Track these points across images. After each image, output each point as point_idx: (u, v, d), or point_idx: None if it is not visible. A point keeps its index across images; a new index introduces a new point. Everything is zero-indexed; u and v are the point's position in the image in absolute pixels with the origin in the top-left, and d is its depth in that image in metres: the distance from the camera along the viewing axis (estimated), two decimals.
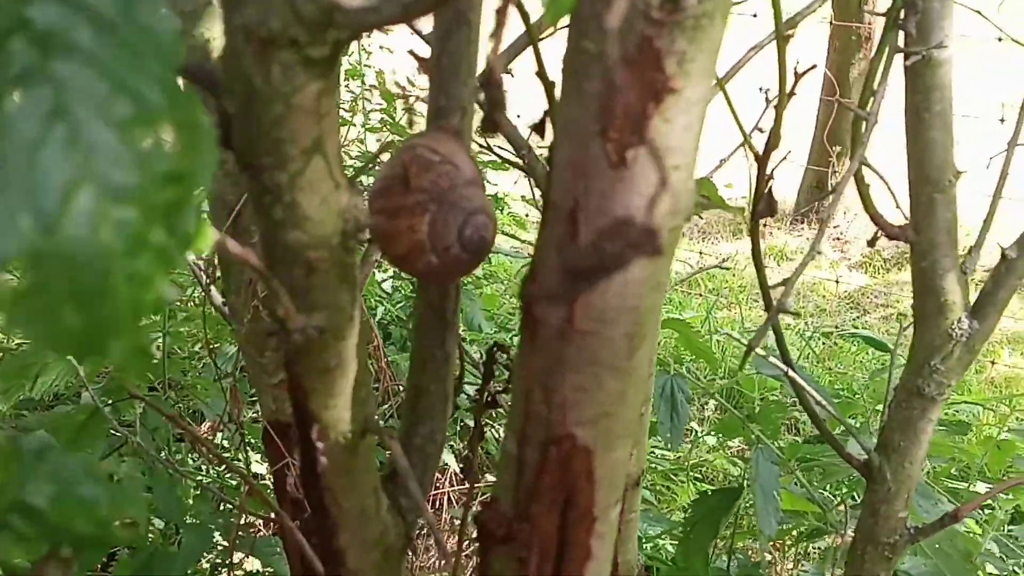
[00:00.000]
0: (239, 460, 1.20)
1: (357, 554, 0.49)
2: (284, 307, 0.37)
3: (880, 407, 1.37)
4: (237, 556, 1.71)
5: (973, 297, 0.81)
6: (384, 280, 2.52)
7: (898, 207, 0.77)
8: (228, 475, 1.82)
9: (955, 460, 2.14)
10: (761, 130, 0.75)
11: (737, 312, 4.46)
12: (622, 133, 0.36)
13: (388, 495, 0.51)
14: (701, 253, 4.36)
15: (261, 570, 1.63)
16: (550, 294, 0.40)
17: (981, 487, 2.19)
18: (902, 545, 0.89)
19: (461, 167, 0.45)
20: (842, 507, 1.42)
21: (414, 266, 0.45)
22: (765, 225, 5.39)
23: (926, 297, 0.80)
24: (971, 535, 1.61)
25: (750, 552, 2.27)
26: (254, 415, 1.68)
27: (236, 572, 1.60)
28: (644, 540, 2.42)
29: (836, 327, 4.31)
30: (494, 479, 0.64)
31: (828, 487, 1.95)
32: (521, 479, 0.44)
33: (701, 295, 4.36)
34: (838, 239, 5.45)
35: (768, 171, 0.73)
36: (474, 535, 0.48)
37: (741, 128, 0.74)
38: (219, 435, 1.35)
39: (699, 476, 2.76)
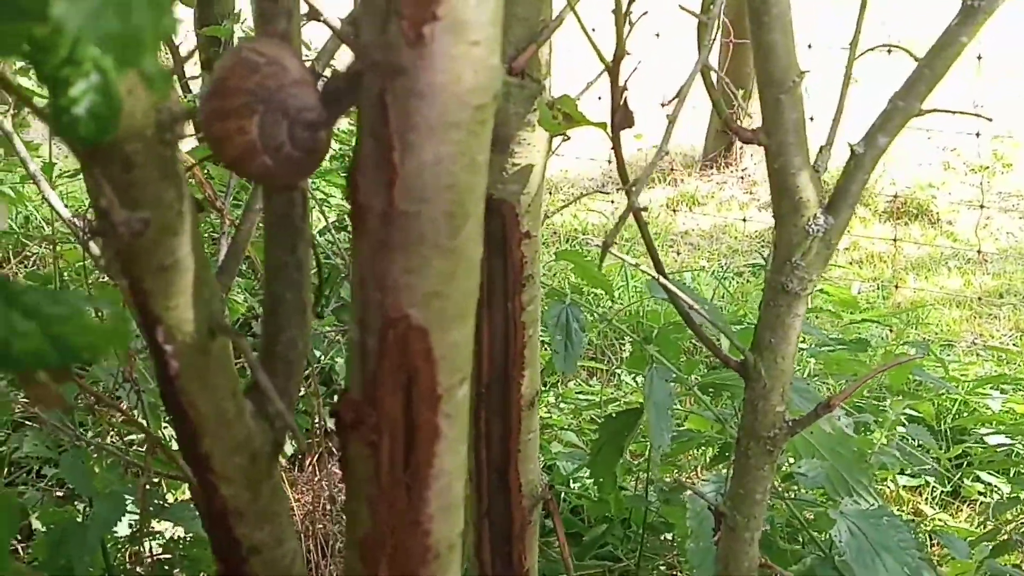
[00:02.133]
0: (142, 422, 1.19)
1: (222, 459, 0.50)
2: (107, 198, 0.38)
3: None
4: (160, 525, 1.70)
5: None
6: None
7: (749, 115, 0.80)
8: (138, 445, 1.81)
9: (856, 377, 2.23)
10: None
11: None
12: (416, 9, 0.37)
13: (254, 402, 0.53)
14: (613, 202, 4.42)
15: (184, 535, 1.63)
16: (369, 179, 0.41)
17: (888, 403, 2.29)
18: (782, 438, 0.94)
19: (288, 68, 0.46)
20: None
21: (250, 169, 0.46)
22: (672, 171, 5.49)
23: (782, 197, 0.84)
24: (868, 438, 1.69)
25: (672, 480, 2.34)
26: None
27: (156, 541, 1.60)
28: (572, 479, 2.48)
29: (747, 266, 4.43)
30: None
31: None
32: (365, 365, 0.46)
33: (617, 243, 4.41)
34: (743, 179, 5.57)
35: (621, 83, 0.76)
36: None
37: (595, 47, 0.76)
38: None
39: None
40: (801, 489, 1.54)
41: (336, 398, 0.48)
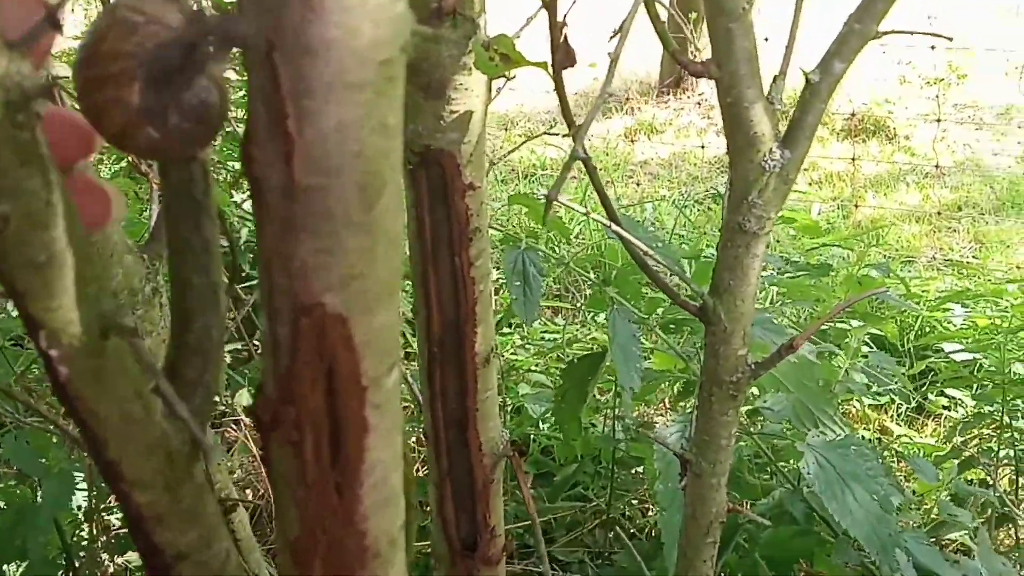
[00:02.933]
0: None
1: (132, 464, 0.46)
2: None
3: None
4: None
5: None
6: (245, 200, 2.42)
7: (698, 48, 0.75)
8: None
9: (819, 302, 2.22)
10: None
11: (612, 190, 4.51)
12: None
13: (165, 403, 0.48)
14: (566, 135, 4.34)
15: None
16: (265, 150, 0.36)
17: (855, 324, 2.29)
18: (745, 382, 0.91)
19: (172, 26, 0.41)
20: None
21: (136, 144, 0.41)
22: (628, 100, 5.41)
23: (735, 132, 0.79)
24: (833, 366, 1.68)
25: (641, 417, 2.33)
26: None
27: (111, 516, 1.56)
28: (541, 420, 2.47)
29: (708, 194, 4.40)
30: None
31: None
32: (279, 359, 0.41)
33: (575, 177, 4.36)
34: (699, 104, 5.52)
35: (560, 18, 0.70)
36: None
37: None
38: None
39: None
40: (768, 421, 1.53)
41: (253, 395, 0.44)
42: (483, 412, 0.99)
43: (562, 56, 0.71)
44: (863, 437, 2.40)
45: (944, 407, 2.91)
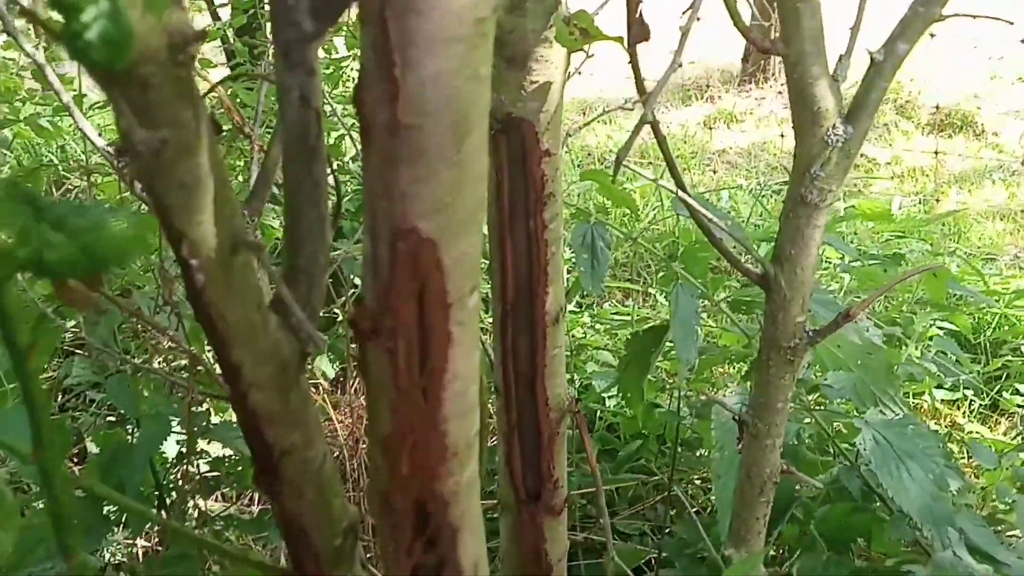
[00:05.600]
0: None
1: (251, 367, 0.53)
2: (126, 119, 0.40)
3: None
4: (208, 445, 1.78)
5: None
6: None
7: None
8: (183, 368, 1.88)
9: (894, 291, 2.22)
10: None
11: (688, 177, 4.51)
12: None
13: (279, 315, 0.55)
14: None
15: (224, 454, 1.70)
16: (374, 94, 0.43)
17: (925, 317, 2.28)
18: (802, 348, 0.95)
19: None
20: None
21: None
22: (709, 87, 5.39)
23: (801, 107, 0.84)
24: (896, 350, 1.69)
25: (702, 395, 2.37)
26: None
27: (203, 460, 1.67)
28: (607, 398, 2.52)
29: (785, 183, 4.37)
30: None
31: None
32: (379, 275, 0.48)
33: (651, 163, 4.38)
34: (781, 94, 5.46)
35: None
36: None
37: None
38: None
39: None
40: (832, 402, 1.56)
41: (354, 308, 0.51)
42: (551, 369, 1.05)
43: (637, 31, 0.76)
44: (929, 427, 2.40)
45: (1019, 405, 2.87)
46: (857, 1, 0.84)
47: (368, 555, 1.60)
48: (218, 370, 0.64)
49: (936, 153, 4.42)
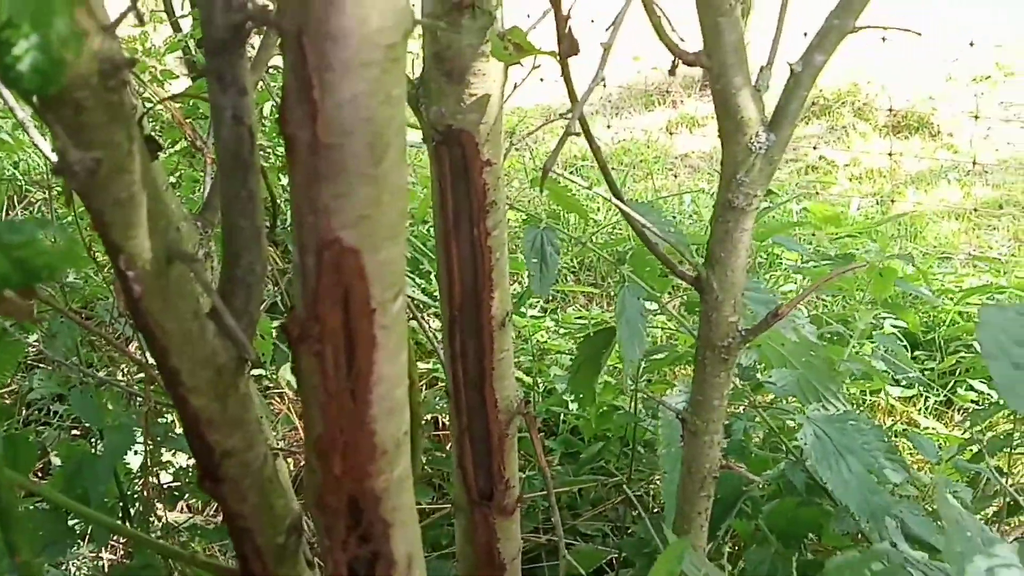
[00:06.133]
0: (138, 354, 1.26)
1: (189, 372, 0.56)
2: (61, 140, 0.43)
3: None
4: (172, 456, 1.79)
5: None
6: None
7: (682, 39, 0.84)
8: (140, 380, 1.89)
9: (840, 289, 2.28)
10: None
11: (651, 181, 4.57)
12: None
13: (216, 323, 0.58)
14: (609, 127, 4.43)
15: (189, 465, 1.72)
16: (295, 113, 0.46)
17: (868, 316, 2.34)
18: (736, 347, 0.99)
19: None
20: None
21: None
22: (670, 92, 5.46)
23: (725, 117, 0.88)
24: (838, 347, 1.74)
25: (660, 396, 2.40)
26: None
27: (166, 470, 1.69)
28: (569, 400, 2.55)
29: None
30: None
31: None
32: (307, 284, 0.51)
33: (615, 168, 4.44)
34: None
35: (565, 11, 0.79)
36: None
37: None
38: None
39: None
40: (781, 400, 1.61)
41: (285, 315, 0.54)
42: (499, 371, 1.08)
43: (567, 46, 0.80)
44: (886, 425, 2.46)
45: (973, 401, 2.94)
46: (777, 14, 0.88)
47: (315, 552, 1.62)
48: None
49: (891, 155, 4.51)
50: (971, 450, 2.09)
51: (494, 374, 1.08)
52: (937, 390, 2.95)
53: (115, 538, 1.88)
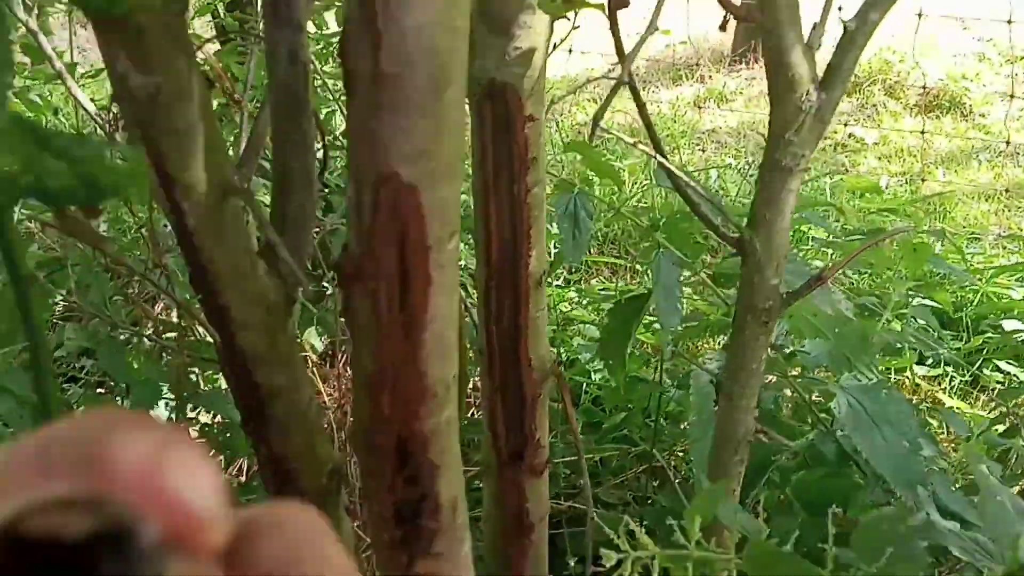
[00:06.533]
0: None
1: (239, 309, 0.56)
2: (123, 64, 0.42)
3: None
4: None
5: None
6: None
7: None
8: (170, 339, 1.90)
9: (873, 267, 2.25)
10: None
11: (678, 156, 4.54)
12: None
13: (267, 261, 0.58)
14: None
15: (211, 421, 1.72)
16: (357, 44, 0.46)
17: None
18: (776, 310, 0.98)
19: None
20: None
21: None
22: (698, 66, 5.41)
23: (776, 74, 0.86)
24: (871, 320, 1.72)
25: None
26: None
27: (192, 427, 1.69)
28: (592, 370, 2.55)
29: None
30: None
31: None
32: (362, 220, 0.51)
33: (641, 142, 4.39)
34: None
35: None
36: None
37: None
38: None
39: None
40: (811, 371, 1.59)
41: (340, 252, 0.53)
42: (534, 330, 1.08)
43: None
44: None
45: (999, 382, 2.92)
46: None
47: (350, 501, 1.63)
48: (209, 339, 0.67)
49: (923, 133, 4.45)
50: (996, 430, 2.08)
51: (529, 332, 1.08)
52: (963, 370, 2.93)
53: None
